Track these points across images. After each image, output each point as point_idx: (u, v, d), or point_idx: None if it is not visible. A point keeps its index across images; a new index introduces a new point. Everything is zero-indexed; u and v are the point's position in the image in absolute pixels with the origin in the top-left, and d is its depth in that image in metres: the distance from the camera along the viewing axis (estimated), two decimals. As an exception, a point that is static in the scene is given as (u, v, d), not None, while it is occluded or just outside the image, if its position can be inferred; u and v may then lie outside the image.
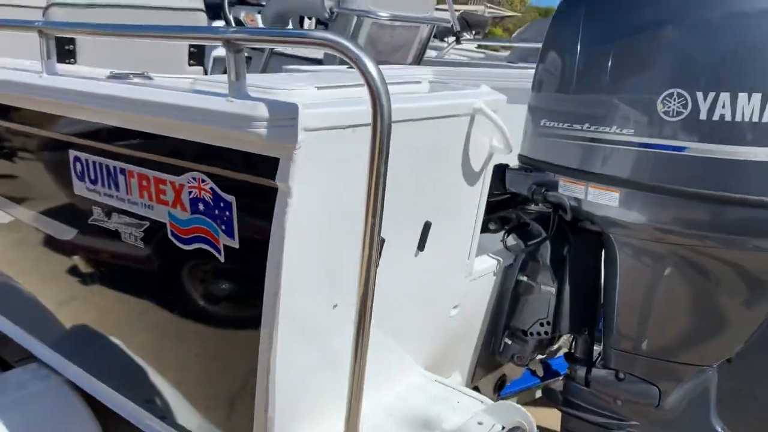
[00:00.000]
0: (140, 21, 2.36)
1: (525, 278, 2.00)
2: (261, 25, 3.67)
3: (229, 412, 1.55)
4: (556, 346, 2.22)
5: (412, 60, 3.31)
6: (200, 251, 1.32)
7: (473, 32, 13.17)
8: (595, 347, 2.13)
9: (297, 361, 1.38)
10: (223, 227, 1.26)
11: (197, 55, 2.56)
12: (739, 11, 1.53)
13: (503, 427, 1.58)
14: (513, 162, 1.98)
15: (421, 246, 1.55)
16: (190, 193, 1.28)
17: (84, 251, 1.68)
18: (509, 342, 2.08)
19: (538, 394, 2.80)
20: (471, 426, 1.59)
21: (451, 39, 4.16)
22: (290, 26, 4.01)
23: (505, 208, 2.08)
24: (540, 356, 2.25)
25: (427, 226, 1.53)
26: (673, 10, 1.61)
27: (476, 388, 2.19)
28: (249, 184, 1.20)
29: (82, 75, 1.47)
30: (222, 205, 1.24)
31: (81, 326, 1.94)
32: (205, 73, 2.65)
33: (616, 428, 2.00)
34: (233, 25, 3.64)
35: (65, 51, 2.14)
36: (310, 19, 3.98)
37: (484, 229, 2.05)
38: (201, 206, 1.28)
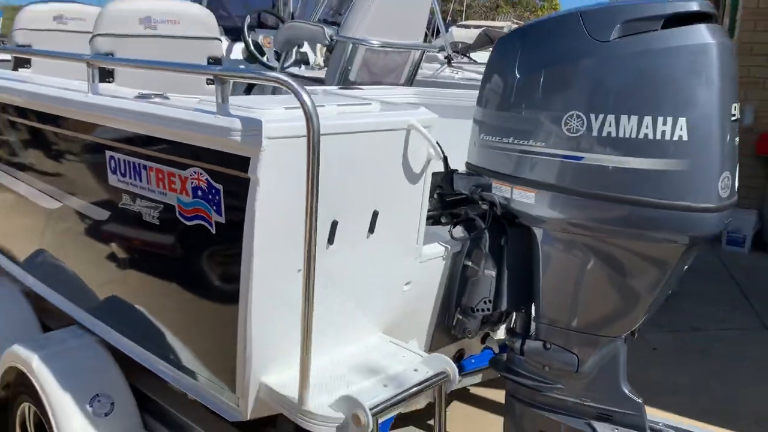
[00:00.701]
0: (168, 47, 2.88)
1: (470, 263, 2.39)
2: (274, 46, 4.17)
3: (220, 355, 2.00)
4: (500, 323, 2.62)
5: (405, 81, 3.75)
6: (198, 226, 1.80)
7: (498, 48, 13.47)
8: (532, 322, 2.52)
9: (268, 313, 1.83)
10: (214, 207, 1.74)
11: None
12: (614, 54, 1.93)
13: (432, 373, 2.01)
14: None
15: (371, 230, 2.00)
16: (192, 182, 1.76)
17: (114, 229, 2.17)
18: (460, 317, 2.47)
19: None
20: (408, 372, 2.02)
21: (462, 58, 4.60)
22: (305, 48, 4.51)
23: (456, 206, 2.51)
24: (487, 330, 2.67)
25: (375, 214, 1.98)
26: (578, 50, 2.02)
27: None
28: (231, 176, 1.67)
29: (117, 95, 1.97)
30: (214, 191, 1.72)
31: (110, 292, 2.44)
32: None
33: (545, 390, 2.37)
34: (251, 47, 4.15)
35: (106, 71, 2.65)
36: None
37: (437, 221, 2.50)
38: (199, 192, 1.76)
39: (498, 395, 3.54)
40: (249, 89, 3.83)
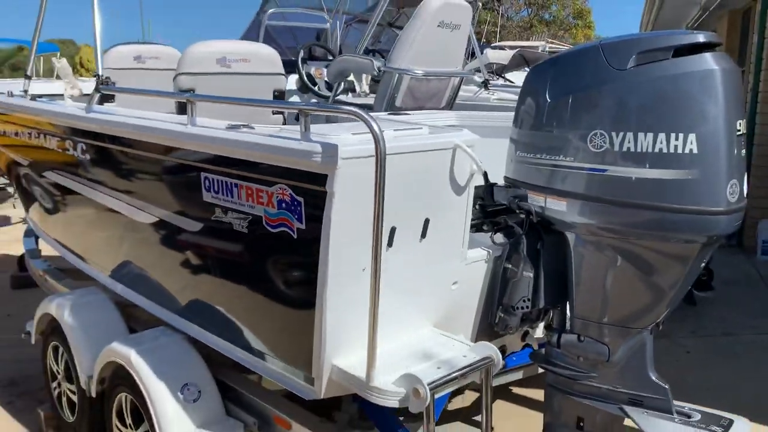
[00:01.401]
0: (239, 82, 3.30)
1: (510, 266, 2.67)
2: (326, 78, 4.58)
3: (297, 343, 2.34)
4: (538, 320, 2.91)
5: (445, 104, 4.10)
6: (282, 232, 2.17)
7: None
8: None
9: (340, 305, 2.18)
10: (296, 216, 2.10)
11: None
12: (631, 80, 2.24)
13: (479, 357, 2.32)
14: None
15: (423, 235, 2.34)
16: (277, 196, 2.14)
17: (206, 239, 2.57)
18: (502, 315, 2.76)
19: (541, 369, 3.47)
20: (458, 357, 2.34)
21: (496, 81, 4.94)
22: (351, 78, 4.91)
23: (496, 215, 2.83)
24: (527, 327, 2.95)
25: (426, 222, 2.32)
26: (600, 78, 2.33)
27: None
28: (311, 190, 2.04)
29: (212, 126, 2.37)
30: (296, 203, 2.09)
31: (198, 294, 2.82)
32: (284, 120, 3.56)
33: (581, 379, 2.64)
34: (305, 78, 4.57)
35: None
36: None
37: (480, 229, 2.82)
38: (283, 204, 2.13)
39: (537, 394, 3.81)
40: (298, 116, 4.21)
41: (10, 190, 10.78)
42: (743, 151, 2.27)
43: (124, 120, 2.74)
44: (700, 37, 2.21)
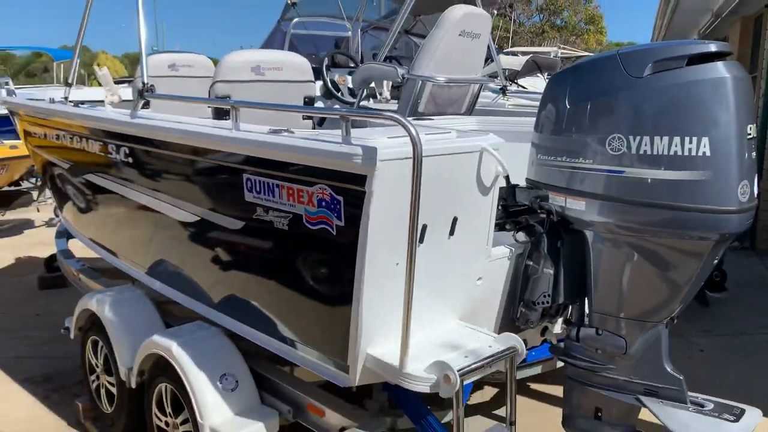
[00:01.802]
0: (272, 89, 3.48)
1: (531, 263, 2.81)
2: (350, 84, 4.75)
3: (332, 333, 2.50)
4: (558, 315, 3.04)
5: (465, 110, 4.26)
6: (322, 230, 2.33)
7: (545, 74, 13.94)
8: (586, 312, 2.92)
9: (374, 297, 2.34)
10: (335, 215, 2.27)
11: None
12: (647, 87, 2.39)
13: (504, 347, 2.47)
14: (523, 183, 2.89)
15: (451, 232, 2.50)
16: (317, 196, 2.30)
17: (248, 236, 2.74)
18: (523, 310, 2.90)
19: (560, 364, 3.61)
20: (484, 347, 2.49)
21: (509, 86, 5.10)
22: (373, 84, 5.08)
23: (518, 215, 2.98)
24: (546, 323, 3.09)
25: (455, 220, 2.48)
26: (617, 85, 2.48)
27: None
28: (351, 190, 2.20)
29: (255, 131, 2.55)
30: (335, 202, 2.25)
31: (237, 288, 2.99)
32: (313, 124, 3.74)
33: (599, 371, 2.77)
34: (330, 85, 4.75)
35: (225, 111, 3.23)
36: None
37: (503, 228, 2.97)
38: (323, 203, 2.29)
39: (555, 390, 3.95)
40: (321, 121, 4.38)
41: (34, 194, 11.06)
42: (754, 154, 2.41)
43: (169, 125, 2.92)
44: (712, 47, 2.36)
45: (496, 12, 6.53)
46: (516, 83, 14.95)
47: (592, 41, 37.23)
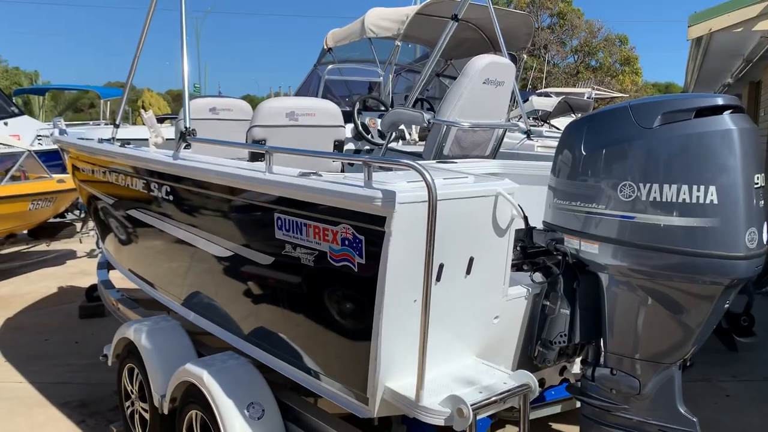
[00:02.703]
0: (306, 133, 3.69)
1: (548, 303, 2.91)
2: (380, 127, 4.96)
3: (353, 365, 2.63)
4: (575, 355, 3.11)
5: (490, 153, 4.42)
6: (344, 266, 2.49)
7: (578, 115, 14.08)
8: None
9: (393, 332, 2.46)
10: (357, 252, 2.42)
11: None
12: (657, 137, 2.50)
13: (518, 384, 2.56)
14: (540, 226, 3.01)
15: (468, 271, 2.63)
16: (341, 235, 2.47)
17: (276, 271, 2.91)
18: (541, 349, 2.98)
19: (579, 404, 3.65)
20: (499, 383, 2.59)
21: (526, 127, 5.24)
22: (402, 127, 5.28)
23: (535, 256, 3.09)
24: (564, 362, 3.16)
25: (471, 260, 2.61)
26: (629, 135, 2.60)
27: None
28: (372, 230, 2.36)
29: (286, 173, 2.74)
30: (357, 240, 2.41)
31: (265, 321, 3.15)
32: (342, 168, 3.94)
33: (613, 410, 2.83)
34: (360, 128, 4.97)
35: (261, 154, 3.44)
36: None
37: (520, 269, 3.08)
38: (346, 242, 2.45)
39: (574, 429, 3.97)
40: (351, 163, 4.57)
41: (78, 226, 11.52)
42: (762, 202, 2.49)
43: (208, 167, 3.15)
44: (719, 100, 2.47)
45: (525, 57, 6.72)
46: (549, 123, 15.12)
47: (627, 82, 37.21)
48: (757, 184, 2.46)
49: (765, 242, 2.51)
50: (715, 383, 4.80)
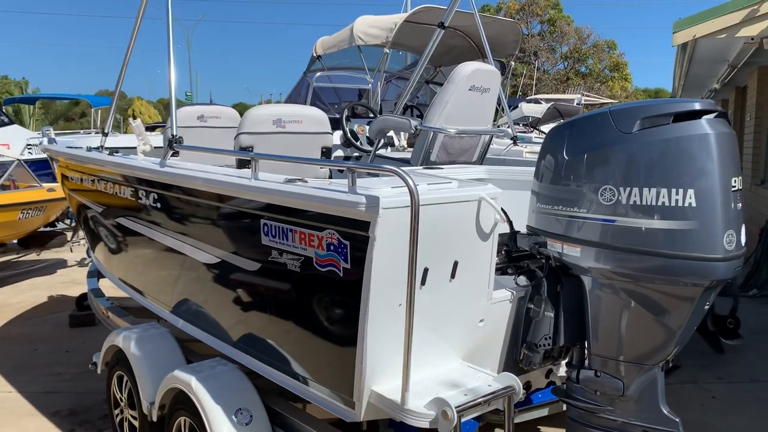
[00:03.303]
0: (293, 140, 3.72)
1: (532, 306, 2.93)
2: (368, 134, 5.00)
3: (340, 369, 2.65)
4: (560, 357, 3.15)
5: (476, 159, 4.46)
6: (330, 271, 2.51)
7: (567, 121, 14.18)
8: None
9: (379, 336, 2.49)
10: (342, 257, 2.45)
11: None
12: (636, 142, 2.54)
13: (502, 386, 2.59)
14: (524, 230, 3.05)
15: (452, 275, 2.66)
16: (326, 240, 2.49)
17: (263, 277, 2.93)
18: (526, 352, 3.01)
19: (565, 407, 3.68)
20: (483, 386, 2.61)
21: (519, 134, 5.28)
22: (391, 134, 5.33)
23: (519, 260, 3.13)
24: (550, 365, 3.20)
25: (455, 264, 2.64)
26: (609, 140, 2.64)
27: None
28: (356, 235, 2.39)
29: (271, 180, 2.77)
30: (342, 245, 2.44)
31: (251, 326, 3.17)
32: (329, 173, 3.97)
33: (598, 412, 2.86)
34: (349, 134, 5.00)
35: (247, 161, 3.47)
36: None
37: (504, 272, 3.12)
38: (332, 247, 2.48)
39: None
40: (339, 169, 4.61)
41: (68, 235, 11.49)
42: (740, 205, 2.54)
43: (194, 174, 3.17)
44: (697, 105, 2.52)
45: (513, 64, 6.78)
46: (538, 129, 15.22)
47: (617, 88, 37.47)
48: (735, 187, 2.50)
49: (743, 244, 2.55)
50: (701, 385, 4.85)
